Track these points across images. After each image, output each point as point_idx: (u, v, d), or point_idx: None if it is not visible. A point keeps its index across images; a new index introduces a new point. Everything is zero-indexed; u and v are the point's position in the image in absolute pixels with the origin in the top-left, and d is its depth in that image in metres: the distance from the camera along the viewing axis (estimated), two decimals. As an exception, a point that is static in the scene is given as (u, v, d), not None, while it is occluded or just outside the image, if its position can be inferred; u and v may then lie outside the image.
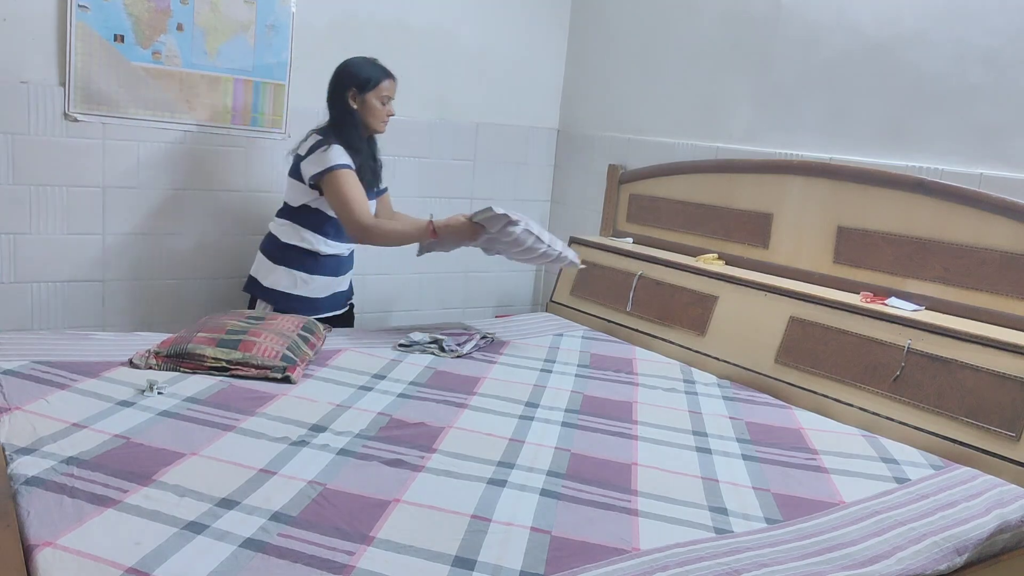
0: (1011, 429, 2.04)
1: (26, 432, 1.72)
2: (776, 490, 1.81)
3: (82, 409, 1.88)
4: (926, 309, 2.39)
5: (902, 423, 2.24)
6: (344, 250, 2.83)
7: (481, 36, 3.61)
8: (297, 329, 2.44)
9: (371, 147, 2.81)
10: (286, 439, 1.83)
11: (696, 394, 2.46)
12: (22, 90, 2.70)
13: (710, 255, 3.03)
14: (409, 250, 3.09)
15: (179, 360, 2.22)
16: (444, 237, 2.68)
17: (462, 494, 1.64)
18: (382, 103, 2.70)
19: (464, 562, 1.39)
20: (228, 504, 1.51)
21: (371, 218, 2.64)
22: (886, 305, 2.42)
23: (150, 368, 2.20)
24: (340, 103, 2.69)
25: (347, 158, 2.62)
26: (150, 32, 2.85)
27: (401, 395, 2.20)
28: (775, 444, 2.09)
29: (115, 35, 2.79)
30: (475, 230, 2.64)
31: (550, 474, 1.78)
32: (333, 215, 2.68)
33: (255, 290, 2.80)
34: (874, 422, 2.29)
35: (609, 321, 3.17)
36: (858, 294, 2.54)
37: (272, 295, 2.75)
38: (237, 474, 1.63)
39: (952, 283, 2.37)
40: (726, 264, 2.99)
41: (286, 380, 2.21)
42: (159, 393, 2.02)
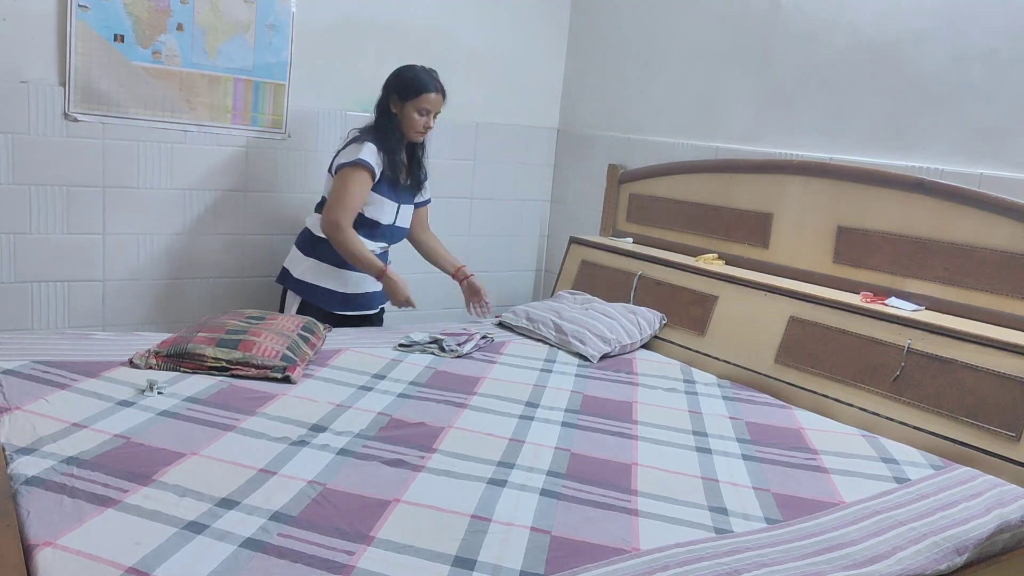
0: (1011, 429, 2.04)
1: (26, 432, 1.72)
2: (776, 490, 1.81)
3: (82, 409, 1.88)
4: (926, 309, 2.39)
5: (902, 423, 2.24)
6: (375, 248, 2.82)
7: (481, 36, 3.61)
8: (297, 329, 2.44)
9: (416, 154, 2.85)
10: (286, 439, 1.83)
11: (696, 394, 2.46)
12: (22, 90, 2.70)
13: (710, 255, 3.03)
14: (410, 250, 3.11)
15: (179, 360, 2.21)
16: (385, 285, 2.73)
17: (462, 494, 1.63)
18: (419, 114, 2.72)
19: (464, 562, 1.39)
20: (228, 504, 1.51)
21: (348, 224, 2.66)
22: (886, 305, 2.42)
23: (150, 368, 2.20)
24: (383, 106, 2.75)
25: (374, 159, 2.67)
26: (150, 32, 2.85)
27: (401, 395, 2.20)
28: (775, 444, 2.09)
29: (115, 35, 2.79)
30: (402, 301, 2.72)
31: (550, 474, 1.78)
32: (369, 215, 2.74)
33: (286, 281, 2.85)
34: (874, 422, 2.29)
35: (609, 321, 3.17)
36: (858, 294, 2.54)
37: (301, 286, 2.80)
38: (237, 474, 1.63)
39: (952, 283, 2.37)
40: (726, 264, 2.99)
41: (286, 380, 2.21)
42: (159, 393, 2.02)
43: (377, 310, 3.02)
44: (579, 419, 2.15)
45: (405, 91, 2.71)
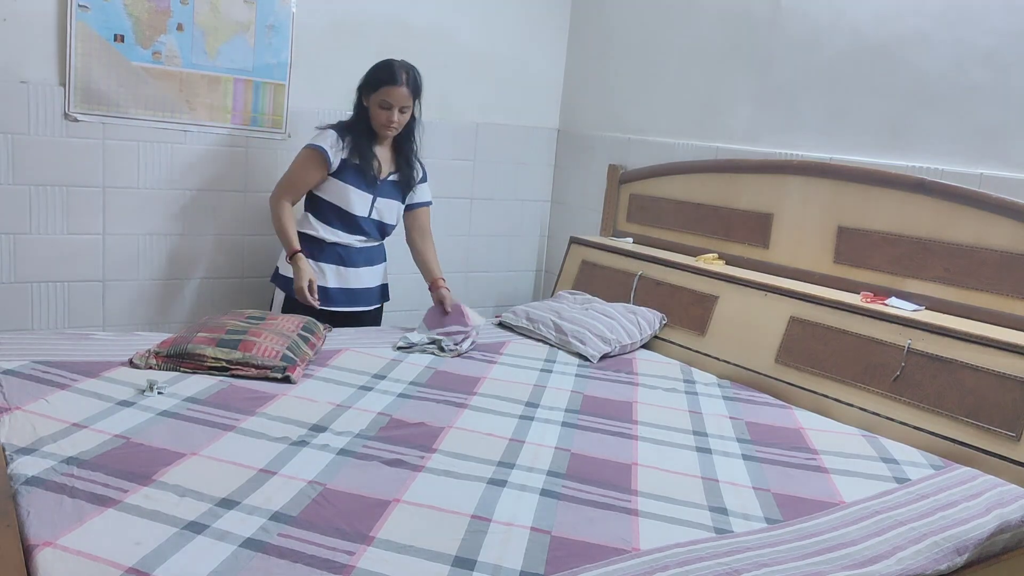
0: (1011, 429, 2.04)
1: (26, 432, 1.72)
2: (776, 490, 1.81)
3: (82, 409, 1.88)
4: (926, 309, 2.39)
5: (902, 423, 2.24)
6: (354, 241, 2.81)
7: (481, 36, 3.61)
8: (297, 329, 2.44)
9: (403, 151, 2.84)
10: (286, 439, 1.83)
11: (696, 394, 2.46)
12: (22, 90, 2.70)
13: (710, 255, 3.03)
14: (410, 250, 3.10)
15: (179, 360, 2.22)
16: (293, 264, 2.69)
17: (462, 494, 1.63)
18: (381, 108, 2.70)
19: (464, 562, 1.39)
20: (228, 504, 1.51)
21: (285, 199, 2.72)
22: (886, 305, 2.42)
23: (150, 368, 2.20)
24: (356, 99, 2.77)
25: (329, 143, 2.69)
26: (150, 32, 2.85)
27: (401, 395, 2.20)
28: (775, 444, 2.09)
29: (115, 35, 2.79)
30: (300, 293, 2.65)
31: (550, 474, 1.78)
32: (337, 203, 2.74)
33: (275, 279, 2.85)
34: (874, 422, 2.29)
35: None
36: (858, 294, 2.54)
37: (285, 282, 2.78)
38: (237, 474, 1.63)
39: (952, 283, 2.37)
40: (726, 264, 2.99)
41: (286, 380, 2.21)
42: (159, 393, 2.02)
43: (372, 308, 2.97)
44: (579, 419, 2.15)
45: (368, 84, 2.72)
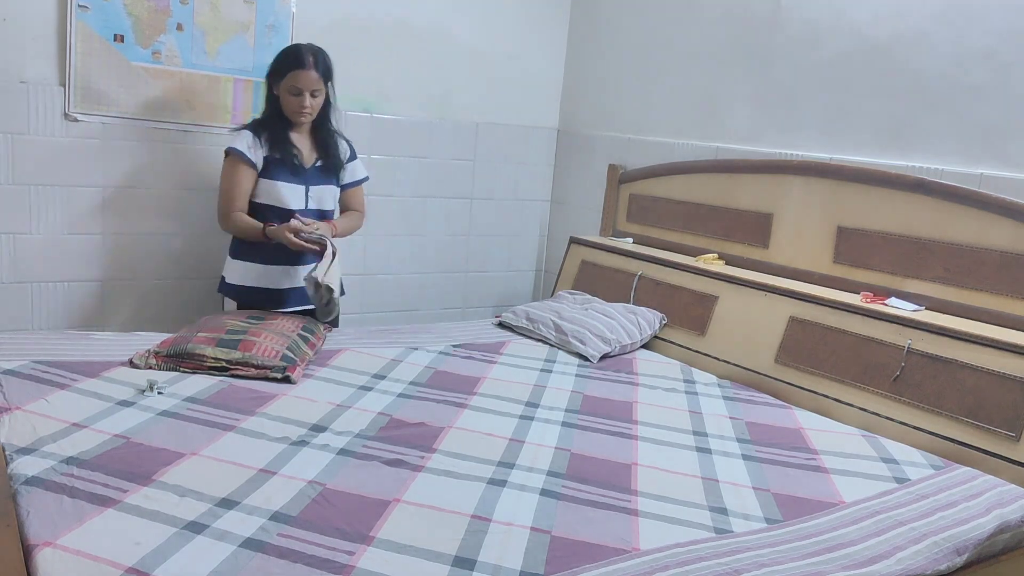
0: (1011, 429, 2.04)
1: (26, 432, 1.72)
2: (776, 490, 1.81)
3: (82, 409, 1.88)
4: (926, 309, 2.39)
5: (902, 423, 2.24)
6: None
7: (481, 36, 3.61)
8: (297, 329, 2.44)
9: (322, 136, 2.71)
10: (286, 439, 1.83)
11: (696, 394, 2.46)
12: (22, 90, 2.70)
13: (710, 255, 3.04)
14: (410, 250, 3.11)
15: (179, 360, 2.22)
16: (272, 238, 2.53)
17: (462, 494, 1.64)
18: (292, 94, 2.59)
19: (464, 562, 1.39)
20: (228, 504, 1.51)
21: (229, 212, 2.59)
22: (886, 305, 2.42)
23: (150, 368, 2.20)
24: (266, 88, 2.66)
25: (245, 144, 2.58)
26: (150, 32, 2.85)
27: (401, 395, 2.20)
28: (775, 444, 2.09)
29: (115, 35, 2.79)
30: (298, 245, 2.49)
31: (550, 474, 1.78)
32: (272, 203, 2.63)
33: (222, 288, 2.75)
34: (874, 422, 2.29)
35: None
36: (858, 294, 2.54)
37: (234, 290, 2.69)
38: (237, 474, 1.63)
39: (952, 283, 2.37)
40: (726, 264, 2.99)
41: (286, 380, 2.21)
42: (159, 393, 2.02)
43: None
44: (579, 419, 2.15)
45: (276, 71, 2.61)
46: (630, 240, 3.40)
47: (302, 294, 2.69)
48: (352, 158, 2.85)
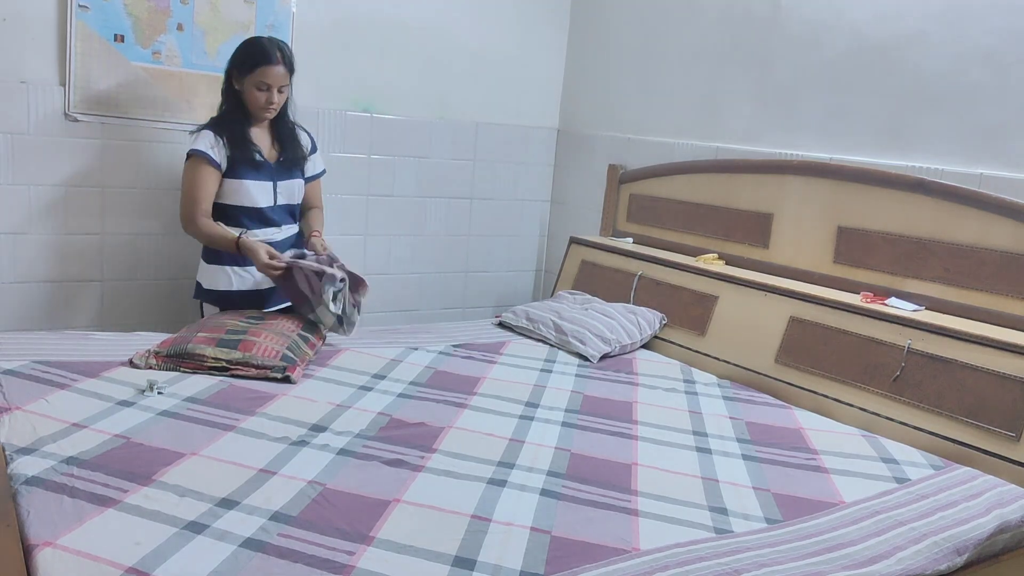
0: (1011, 429, 2.04)
1: (26, 432, 1.72)
2: (776, 490, 1.81)
3: (82, 409, 1.88)
4: (926, 309, 2.39)
5: (902, 423, 2.24)
6: (272, 234, 2.64)
7: (481, 35, 3.61)
8: (297, 329, 2.44)
9: (282, 131, 2.66)
10: (286, 439, 1.83)
11: (696, 394, 2.46)
12: (22, 90, 2.70)
13: (710, 255, 3.04)
14: (410, 250, 3.11)
15: (179, 360, 2.22)
16: (244, 252, 2.48)
17: (462, 494, 1.64)
18: (259, 89, 2.52)
19: (464, 562, 1.39)
20: (228, 504, 1.51)
21: (197, 216, 2.50)
22: (886, 305, 2.42)
23: (150, 368, 2.20)
24: (226, 84, 2.58)
25: (207, 144, 2.51)
26: (150, 32, 2.85)
27: (401, 395, 2.20)
28: (775, 444, 2.09)
29: (115, 35, 2.79)
30: (266, 269, 2.45)
31: (550, 474, 1.78)
32: (240, 203, 2.57)
33: (199, 294, 2.69)
34: (874, 422, 2.29)
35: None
36: (858, 294, 2.54)
37: (212, 295, 2.64)
38: (237, 474, 1.63)
39: (952, 283, 2.37)
40: (726, 264, 2.99)
41: (286, 380, 2.21)
42: (159, 393, 2.02)
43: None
44: (579, 419, 2.15)
45: (241, 65, 2.52)
46: (630, 240, 3.40)
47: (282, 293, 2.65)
48: (313, 150, 2.79)
